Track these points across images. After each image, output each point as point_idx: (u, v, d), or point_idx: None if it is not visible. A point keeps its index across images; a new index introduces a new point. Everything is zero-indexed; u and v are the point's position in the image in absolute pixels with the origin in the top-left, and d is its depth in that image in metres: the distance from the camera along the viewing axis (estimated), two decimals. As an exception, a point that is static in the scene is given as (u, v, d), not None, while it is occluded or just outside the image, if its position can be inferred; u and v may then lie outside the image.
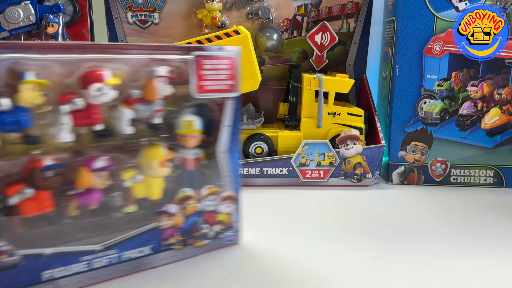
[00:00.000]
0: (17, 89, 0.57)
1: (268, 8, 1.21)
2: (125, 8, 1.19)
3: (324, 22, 1.23)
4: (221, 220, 0.75)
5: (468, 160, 1.13)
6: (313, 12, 1.23)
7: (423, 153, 1.13)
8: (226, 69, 0.70)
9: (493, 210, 0.97)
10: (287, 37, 1.25)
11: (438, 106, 1.11)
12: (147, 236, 0.69)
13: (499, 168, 1.13)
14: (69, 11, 1.15)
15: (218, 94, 0.71)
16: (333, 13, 1.23)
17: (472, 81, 1.10)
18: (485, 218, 0.92)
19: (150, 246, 0.69)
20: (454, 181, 1.14)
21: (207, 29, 1.19)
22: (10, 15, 1.08)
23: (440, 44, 1.09)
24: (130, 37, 1.21)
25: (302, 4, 1.22)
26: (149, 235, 0.69)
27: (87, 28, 1.16)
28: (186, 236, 0.72)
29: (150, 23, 1.21)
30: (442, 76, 1.10)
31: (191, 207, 0.72)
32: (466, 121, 1.12)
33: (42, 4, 1.11)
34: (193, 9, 1.21)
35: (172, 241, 0.71)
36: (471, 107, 1.11)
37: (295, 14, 1.23)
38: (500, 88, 1.10)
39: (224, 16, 1.21)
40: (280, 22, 1.24)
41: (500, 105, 1.10)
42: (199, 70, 0.69)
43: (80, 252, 0.63)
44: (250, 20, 1.22)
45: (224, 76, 0.70)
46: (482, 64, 1.09)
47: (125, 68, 0.67)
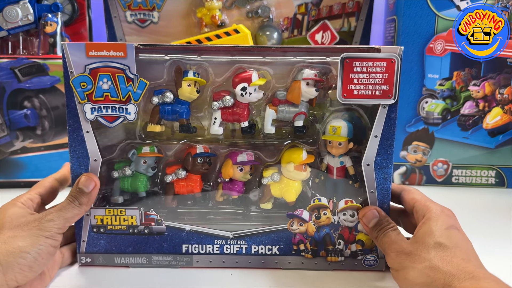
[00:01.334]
0: (180, 84, 0.66)
1: (268, 6, 1.20)
2: (124, 7, 1.18)
3: (324, 21, 1.22)
4: (361, 240, 0.69)
5: (470, 160, 1.12)
6: (313, 11, 1.22)
7: (425, 153, 1.12)
8: (381, 72, 0.63)
9: (495, 210, 0.97)
10: (287, 36, 1.24)
11: (439, 105, 1.10)
12: (277, 235, 0.69)
13: (501, 168, 1.12)
14: (68, 10, 1.15)
15: (368, 100, 0.64)
16: (333, 12, 1.22)
17: (473, 80, 1.09)
18: (487, 219, 0.91)
19: (278, 246, 0.69)
20: (455, 182, 1.13)
21: (207, 28, 1.18)
22: (9, 14, 1.07)
23: (441, 43, 1.07)
24: (129, 36, 1.20)
25: (303, 2, 1.21)
26: (279, 236, 0.69)
27: (85, 27, 1.16)
28: (318, 247, 0.69)
29: (149, 22, 1.19)
30: (444, 76, 1.09)
31: (326, 218, 0.69)
32: (468, 121, 1.10)
33: (41, 3, 1.10)
34: (192, 8, 1.20)
35: (302, 248, 0.69)
36: (472, 107, 1.10)
37: (295, 13, 1.22)
38: (502, 88, 1.09)
39: (224, 15, 1.20)
40: (280, 21, 1.22)
41: (502, 104, 1.10)
42: (348, 73, 0.64)
43: (214, 236, 0.69)
44: (250, 19, 1.21)
45: (378, 80, 0.63)
46: (483, 64, 1.08)
47: (273, 70, 0.68)
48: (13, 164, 1.06)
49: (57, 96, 1.04)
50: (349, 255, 0.69)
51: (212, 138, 0.71)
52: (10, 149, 1.05)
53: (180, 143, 0.71)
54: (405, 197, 0.66)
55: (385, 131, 0.65)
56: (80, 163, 0.66)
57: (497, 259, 0.72)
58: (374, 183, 0.66)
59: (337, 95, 0.64)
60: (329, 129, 0.68)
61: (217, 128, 0.69)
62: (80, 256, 0.69)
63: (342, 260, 0.69)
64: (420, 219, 0.61)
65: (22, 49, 1.12)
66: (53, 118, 1.05)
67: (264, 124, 0.69)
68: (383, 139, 0.65)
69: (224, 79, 0.69)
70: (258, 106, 0.71)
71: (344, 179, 0.70)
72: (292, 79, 0.68)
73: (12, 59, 1.03)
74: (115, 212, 0.68)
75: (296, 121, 0.69)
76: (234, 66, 0.68)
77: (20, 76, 1.03)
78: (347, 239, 0.69)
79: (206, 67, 0.69)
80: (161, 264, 0.70)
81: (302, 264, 0.70)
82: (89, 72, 0.58)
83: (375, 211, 0.65)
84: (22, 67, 1.03)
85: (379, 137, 0.65)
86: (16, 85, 1.03)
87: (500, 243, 0.80)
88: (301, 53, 0.67)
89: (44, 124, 1.05)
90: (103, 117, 0.61)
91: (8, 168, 1.06)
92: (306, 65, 0.67)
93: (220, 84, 0.70)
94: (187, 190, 0.71)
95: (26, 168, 1.06)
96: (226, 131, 0.72)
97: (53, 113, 1.05)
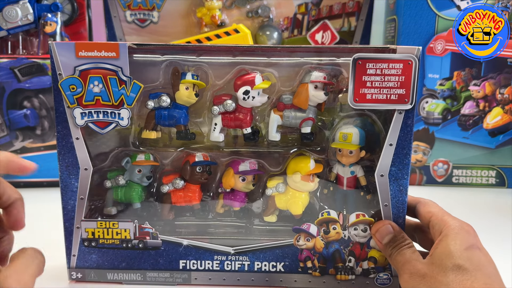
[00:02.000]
0: (177, 87, 0.61)
1: (268, 6, 1.18)
2: (123, 6, 1.16)
3: (325, 20, 1.19)
4: (373, 257, 0.62)
5: (470, 160, 1.09)
6: (313, 10, 1.19)
7: (425, 153, 1.10)
8: (396, 74, 0.56)
9: (495, 210, 0.94)
10: (287, 36, 1.21)
11: (440, 105, 1.08)
12: (282, 251, 0.62)
13: (501, 168, 1.09)
14: (68, 10, 1.11)
15: (382, 105, 0.57)
16: (334, 11, 1.19)
17: (474, 80, 1.07)
18: (487, 219, 0.89)
19: (283, 263, 0.62)
20: (456, 182, 1.10)
21: (207, 28, 1.16)
22: (8, 14, 1.05)
23: (441, 43, 1.05)
24: (128, 36, 1.18)
25: (303, 2, 1.19)
26: (284, 252, 0.62)
27: (85, 27, 1.12)
28: (326, 264, 0.62)
29: (149, 22, 1.18)
30: (444, 76, 1.06)
31: (335, 232, 0.61)
32: (468, 121, 1.09)
33: (40, 3, 1.08)
34: (192, 8, 1.17)
35: (309, 265, 0.62)
36: (473, 107, 1.08)
37: (295, 13, 1.19)
38: (502, 88, 1.06)
39: (224, 15, 1.18)
40: (280, 21, 1.21)
41: (502, 104, 1.07)
42: (360, 75, 0.56)
43: (213, 251, 0.63)
44: (250, 18, 1.19)
45: (394, 83, 0.57)
46: (484, 64, 1.06)
47: (278, 72, 0.62)
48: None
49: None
50: (361, 273, 0.62)
51: (212, 146, 0.65)
52: (9, 149, 1.02)
53: (177, 150, 0.65)
54: (421, 211, 0.58)
55: (400, 139, 0.57)
56: (70, 172, 0.59)
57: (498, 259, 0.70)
58: (388, 195, 0.59)
59: (348, 100, 0.57)
60: (339, 136, 0.60)
61: (217, 134, 0.63)
62: (70, 271, 0.62)
63: (353, 279, 0.62)
64: (437, 235, 0.54)
65: (22, 49, 1.09)
66: (52, 118, 1.02)
67: (269, 130, 0.63)
68: (399, 147, 0.57)
69: (225, 81, 0.62)
70: (262, 111, 0.64)
71: (355, 190, 0.62)
72: (299, 81, 0.61)
73: (11, 59, 1.01)
74: (107, 225, 0.61)
75: (303, 127, 0.61)
76: (236, 68, 0.61)
77: (20, 76, 1.02)
78: (358, 255, 0.61)
79: (206, 69, 0.62)
80: (157, 281, 0.63)
81: (309, 283, 0.62)
82: (79, 74, 0.53)
83: (390, 226, 0.58)
84: (22, 67, 1.01)
85: (394, 145, 0.57)
86: (16, 85, 1.00)
87: (501, 243, 0.78)
88: (309, 54, 0.60)
89: (43, 124, 1.04)
90: (94, 123, 0.56)
91: (8, 168, 1.05)
92: (314, 66, 0.60)
93: (221, 87, 0.63)
94: (185, 201, 0.65)
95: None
96: (227, 138, 0.65)
97: (52, 113, 1.03)
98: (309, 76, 0.59)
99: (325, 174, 0.64)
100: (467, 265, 0.49)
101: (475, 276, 0.48)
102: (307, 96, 0.60)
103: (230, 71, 0.62)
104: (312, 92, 0.60)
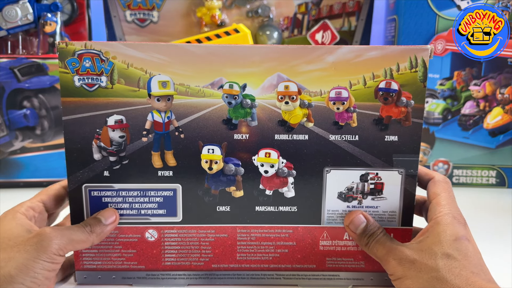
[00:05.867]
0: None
1: (268, 6, 1.18)
2: (123, 6, 1.16)
3: (325, 20, 1.19)
4: None
5: (471, 160, 1.08)
6: (314, 10, 1.19)
7: (425, 153, 1.10)
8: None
9: (495, 210, 0.94)
10: (287, 35, 1.21)
11: (440, 105, 1.08)
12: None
13: (501, 168, 1.08)
14: (67, 10, 1.11)
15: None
16: (334, 11, 1.19)
17: (474, 80, 1.06)
18: (488, 219, 0.89)
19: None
20: (456, 182, 1.09)
21: (207, 28, 1.16)
22: (8, 13, 1.05)
23: (442, 43, 1.05)
24: (128, 36, 1.18)
25: (303, 2, 1.18)
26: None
27: (85, 27, 1.12)
28: None
29: (149, 22, 1.17)
30: (444, 75, 1.06)
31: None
32: (469, 121, 1.08)
33: (40, 3, 1.07)
34: (192, 8, 1.17)
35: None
36: (473, 107, 1.08)
37: (295, 12, 1.19)
38: (502, 88, 1.06)
39: (224, 15, 1.18)
40: (280, 21, 1.20)
41: (502, 104, 1.07)
42: None
43: None
44: (250, 18, 1.19)
45: None
46: (484, 64, 1.06)
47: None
48: (13, 164, 1.03)
49: (57, 96, 1.02)
50: None
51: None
52: (9, 149, 1.02)
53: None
54: (429, 189, 0.60)
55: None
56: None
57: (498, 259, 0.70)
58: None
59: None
60: None
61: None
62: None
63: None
64: (429, 220, 0.56)
65: (22, 49, 1.09)
66: (52, 118, 1.03)
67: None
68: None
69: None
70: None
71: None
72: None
73: (11, 59, 1.00)
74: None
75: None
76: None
77: (20, 76, 1.01)
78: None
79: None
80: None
81: None
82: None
83: (362, 215, 0.59)
84: (22, 67, 1.01)
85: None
86: (16, 85, 1.00)
87: (501, 243, 0.78)
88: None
89: (43, 124, 1.03)
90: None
91: (7, 168, 1.03)
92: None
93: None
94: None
95: (26, 168, 1.03)
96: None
97: (52, 113, 1.03)
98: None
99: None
100: (455, 255, 0.51)
101: (463, 265, 0.51)
102: None
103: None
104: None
